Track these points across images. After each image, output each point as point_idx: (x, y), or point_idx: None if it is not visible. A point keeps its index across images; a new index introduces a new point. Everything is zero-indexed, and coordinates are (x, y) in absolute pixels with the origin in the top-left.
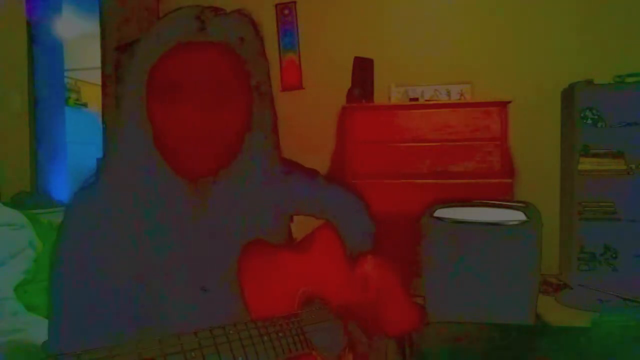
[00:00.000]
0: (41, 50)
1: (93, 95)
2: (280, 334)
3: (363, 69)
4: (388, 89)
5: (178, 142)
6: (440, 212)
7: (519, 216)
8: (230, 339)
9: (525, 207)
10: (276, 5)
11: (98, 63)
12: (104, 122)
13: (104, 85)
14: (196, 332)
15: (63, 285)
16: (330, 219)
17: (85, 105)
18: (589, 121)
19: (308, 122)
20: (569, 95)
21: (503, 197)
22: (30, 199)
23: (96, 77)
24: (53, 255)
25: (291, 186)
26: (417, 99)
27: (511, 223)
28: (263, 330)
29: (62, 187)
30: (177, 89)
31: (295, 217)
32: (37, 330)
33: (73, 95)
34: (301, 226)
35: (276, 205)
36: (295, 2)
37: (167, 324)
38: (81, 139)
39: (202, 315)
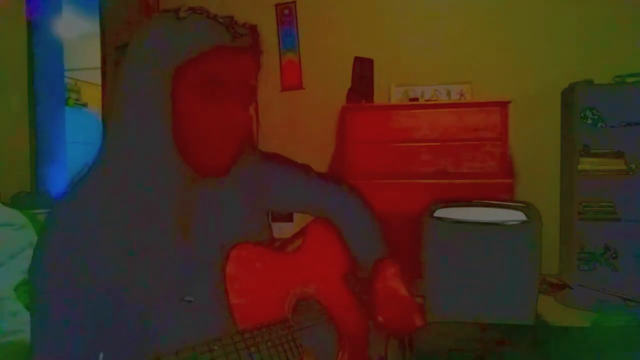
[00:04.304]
0: (41, 50)
1: (93, 95)
2: (270, 344)
3: (363, 69)
4: (388, 89)
5: (206, 139)
6: (440, 212)
7: (519, 216)
8: (215, 355)
9: (525, 207)
10: (276, 5)
11: (98, 63)
12: (104, 122)
13: (104, 85)
14: (177, 351)
15: (45, 292)
16: (329, 217)
17: (85, 105)
18: (589, 121)
19: (308, 122)
20: (569, 95)
21: (503, 197)
22: (30, 199)
23: (96, 77)
24: (35, 260)
25: (279, 181)
26: (417, 99)
27: (511, 223)
28: (250, 342)
29: (62, 187)
30: (220, 87)
31: (295, 218)
32: None
33: (73, 95)
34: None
35: (262, 203)
36: (295, 2)
37: (154, 337)
38: (81, 139)
39: (191, 326)
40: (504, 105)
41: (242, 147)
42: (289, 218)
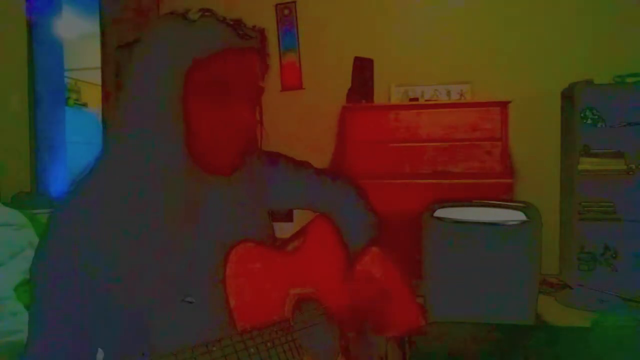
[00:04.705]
0: (41, 50)
1: (93, 95)
2: (269, 344)
3: (363, 69)
4: (388, 89)
5: (213, 139)
6: (440, 212)
7: (519, 216)
8: (214, 356)
9: (525, 207)
10: (276, 5)
11: (98, 63)
12: (104, 122)
13: (104, 85)
14: (176, 352)
15: (45, 291)
16: (327, 211)
17: (85, 105)
18: (589, 121)
19: (308, 122)
20: (569, 95)
21: (503, 197)
22: (30, 199)
23: (96, 77)
24: (36, 258)
25: (279, 179)
26: (417, 99)
27: (511, 223)
28: (250, 343)
29: (62, 187)
30: (228, 88)
31: (296, 217)
32: None
33: (73, 95)
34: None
35: (263, 202)
36: (295, 2)
37: (154, 336)
38: (81, 139)
39: (191, 326)
40: (504, 105)
41: (248, 148)
42: (289, 218)
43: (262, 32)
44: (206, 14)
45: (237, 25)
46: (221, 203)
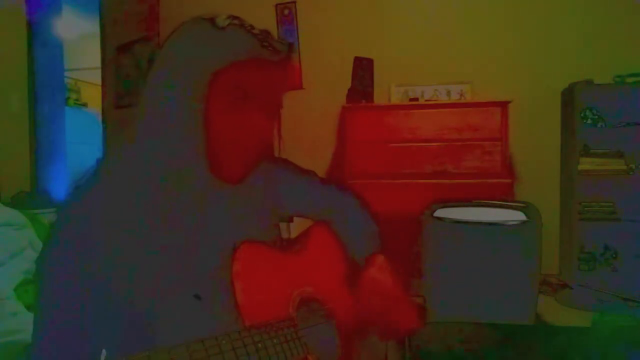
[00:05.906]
0: (41, 50)
1: (93, 95)
2: (275, 341)
3: (363, 69)
4: (388, 89)
5: (229, 147)
6: (440, 212)
7: (519, 216)
8: (223, 349)
9: (525, 207)
10: (276, 6)
11: (98, 63)
12: (104, 122)
13: (104, 85)
14: (187, 344)
15: (49, 292)
16: (330, 220)
17: (85, 105)
18: (589, 121)
19: (308, 122)
20: (569, 95)
21: (503, 197)
22: (30, 199)
23: (96, 77)
24: (42, 258)
25: (285, 186)
26: (417, 99)
27: (511, 223)
28: (257, 338)
29: (62, 187)
30: (250, 98)
31: (295, 217)
32: None
33: (73, 95)
34: (300, 226)
35: (270, 206)
36: (295, 2)
37: (159, 335)
38: (81, 139)
39: (196, 325)
40: (504, 105)
41: (260, 158)
42: (288, 218)
43: (290, 46)
44: (234, 21)
45: (264, 36)
46: (228, 205)
